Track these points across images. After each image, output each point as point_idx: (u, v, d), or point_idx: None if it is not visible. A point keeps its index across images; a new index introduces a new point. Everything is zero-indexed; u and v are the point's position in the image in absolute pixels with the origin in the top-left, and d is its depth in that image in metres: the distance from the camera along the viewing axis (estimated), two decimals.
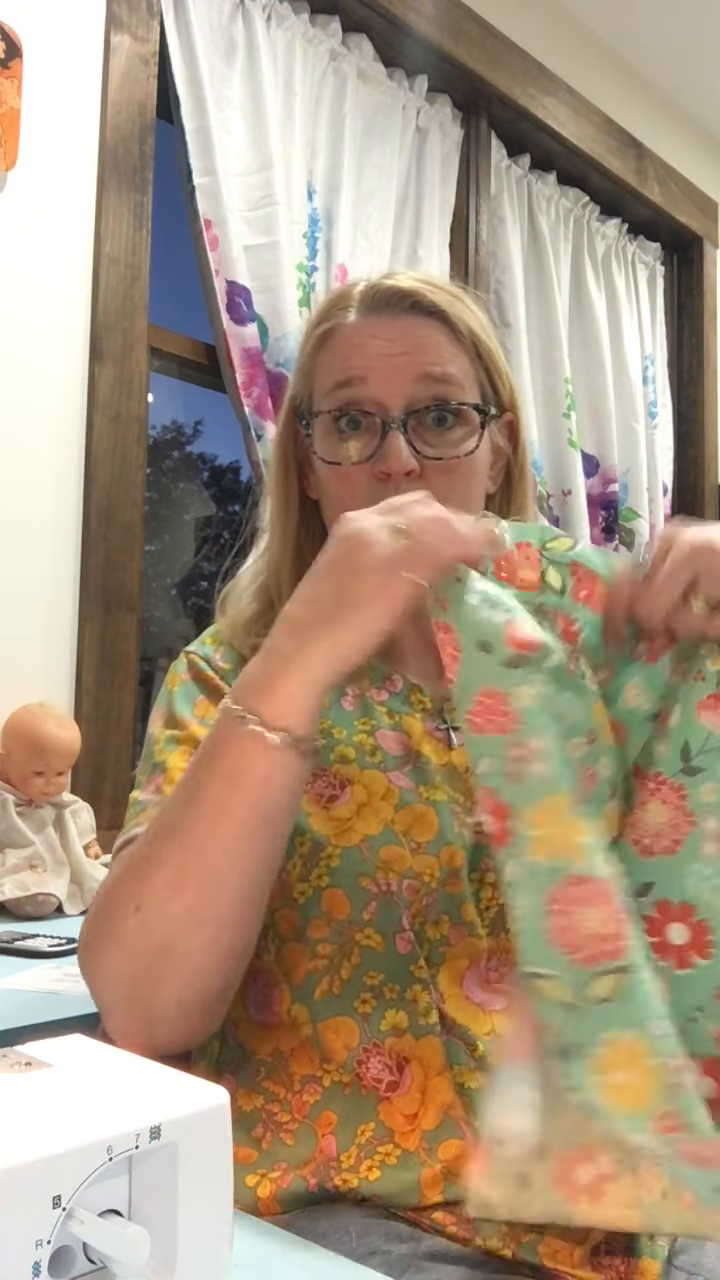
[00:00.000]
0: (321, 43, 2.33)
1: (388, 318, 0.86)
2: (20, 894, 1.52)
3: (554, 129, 2.84)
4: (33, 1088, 0.45)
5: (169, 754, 0.83)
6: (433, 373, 0.85)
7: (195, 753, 0.74)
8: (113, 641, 1.89)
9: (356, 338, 0.86)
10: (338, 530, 0.70)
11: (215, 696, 0.87)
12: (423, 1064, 0.74)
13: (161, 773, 0.82)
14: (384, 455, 0.83)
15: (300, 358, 0.93)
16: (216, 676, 0.88)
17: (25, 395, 1.80)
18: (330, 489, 0.88)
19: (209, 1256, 0.45)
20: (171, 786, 0.80)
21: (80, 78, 1.90)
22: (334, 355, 0.87)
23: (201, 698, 0.87)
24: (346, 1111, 0.74)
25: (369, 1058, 0.75)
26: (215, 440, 2.48)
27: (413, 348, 0.85)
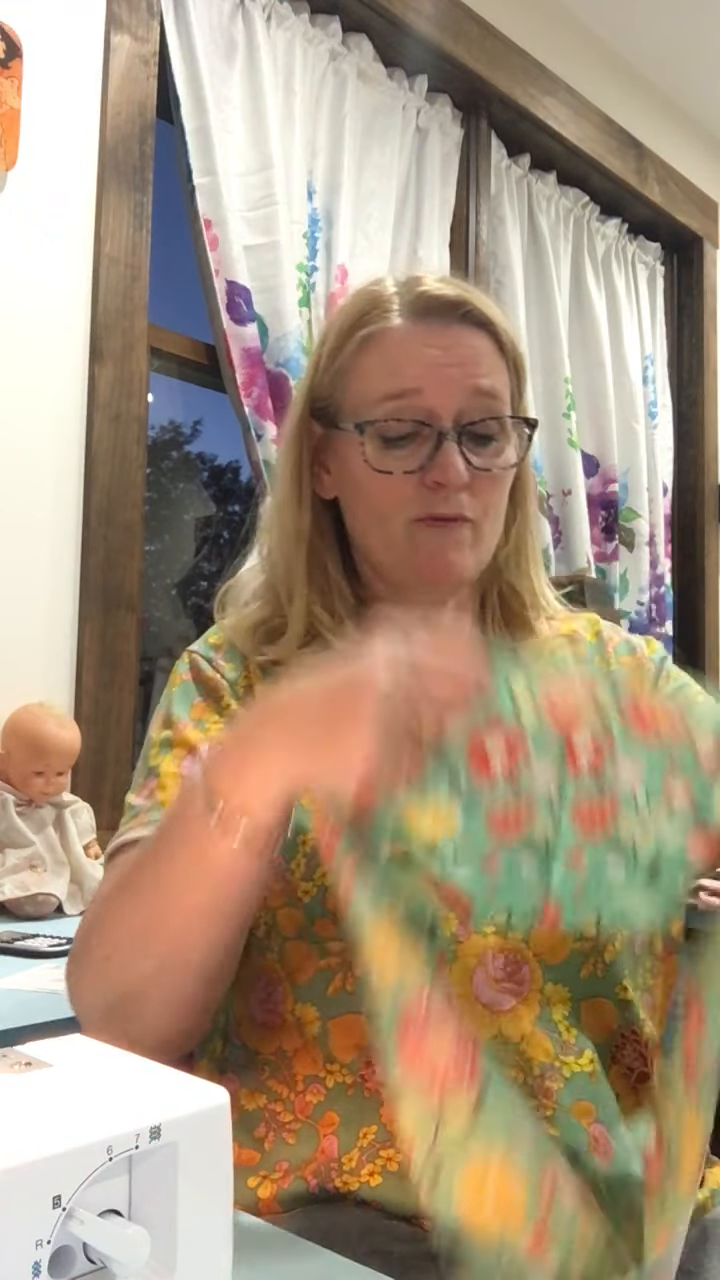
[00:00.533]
0: (321, 43, 2.33)
1: (439, 326, 0.86)
2: (20, 894, 1.52)
3: (554, 129, 2.84)
4: (33, 1088, 0.45)
5: (163, 759, 0.84)
6: (482, 386, 0.85)
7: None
8: (113, 641, 1.89)
9: (409, 345, 0.86)
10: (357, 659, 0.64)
11: (213, 698, 0.87)
12: None
13: (155, 777, 0.83)
14: (440, 467, 0.84)
15: (333, 358, 0.90)
16: (218, 676, 0.88)
17: (25, 395, 1.80)
18: (374, 497, 0.87)
19: (209, 1256, 0.45)
20: (164, 793, 0.81)
21: (80, 78, 1.90)
22: (383, 362, 0.86)
23: (199, 700, 0.87)
24: (349, 1113, 0.73)
25: (378, 1059, 0.75)
26: (214, 440, 2.48)
27: (465, 359, 0.85)
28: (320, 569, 0.92)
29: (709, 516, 3.44)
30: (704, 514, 3.43)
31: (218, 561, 2.43)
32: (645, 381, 3.19)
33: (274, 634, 0.90)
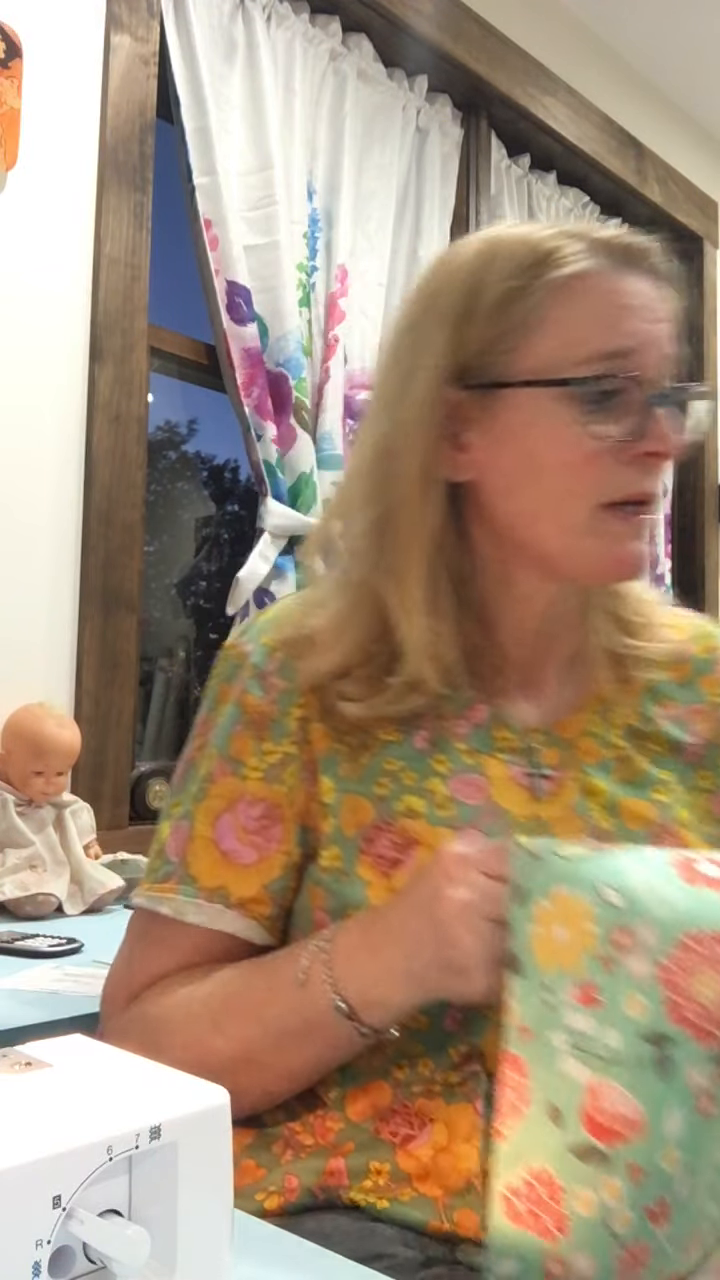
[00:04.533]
0: (321, 43, 2.33)
1: (649, 280, 0.75)
2: (20, 894, 1.52)
3: (554, 129, 2.84)
4: (33, 1088, 0.45)
5: (198, 808, 0.78)
6: (676, 349, 0.76)
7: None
8: (113, 641, 1.89)
9: (620, 296, 0.74)
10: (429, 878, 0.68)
11: (255, 732, 0.78)
12: (449, 1127, 0.70)
13: (188, 827, 0.78)
14: (655, 436, 0.73)
15: (503, 307, 0.74)
16: (266, 705, 0.78)
17: (25, 395, 1.80)
18: (560, 473, 0.74)
19: (209, 1256, 0.45)
20: (196, 862, 0.77)
21: (80, 78, 1.90)
22: (590, 312, 0.73)
23: (240, 729, 0.79)
24: (363, 1145, 0.71)
25: (393, 1116, 0.71)
26: (213, 440, 2.48)
27: (668, 317, 0.76)
28: (448, 584, 0.77)
29: (709, 516, 3.44)
30: (704, 514, 3.43)
31: (217, 561, 2.43)
32: None
33: (370, 667, 0.77)
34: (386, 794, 0.76)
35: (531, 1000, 0.56)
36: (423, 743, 0.77)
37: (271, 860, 0.77)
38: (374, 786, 0.76)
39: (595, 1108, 0.54)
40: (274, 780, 0.77)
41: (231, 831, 0.77)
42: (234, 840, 0.77)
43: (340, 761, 0.77)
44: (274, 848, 0.77)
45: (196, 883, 0.76)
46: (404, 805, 0.75)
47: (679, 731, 0.82)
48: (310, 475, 2.16)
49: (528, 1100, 0.55)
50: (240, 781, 0.77)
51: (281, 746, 0.78)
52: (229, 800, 0.77)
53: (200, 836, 0.77)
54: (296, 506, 2.15)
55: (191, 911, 0.76)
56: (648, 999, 0.54)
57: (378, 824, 0.75)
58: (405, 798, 0.75)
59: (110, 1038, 0.72)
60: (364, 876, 0.74)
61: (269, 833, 0.77)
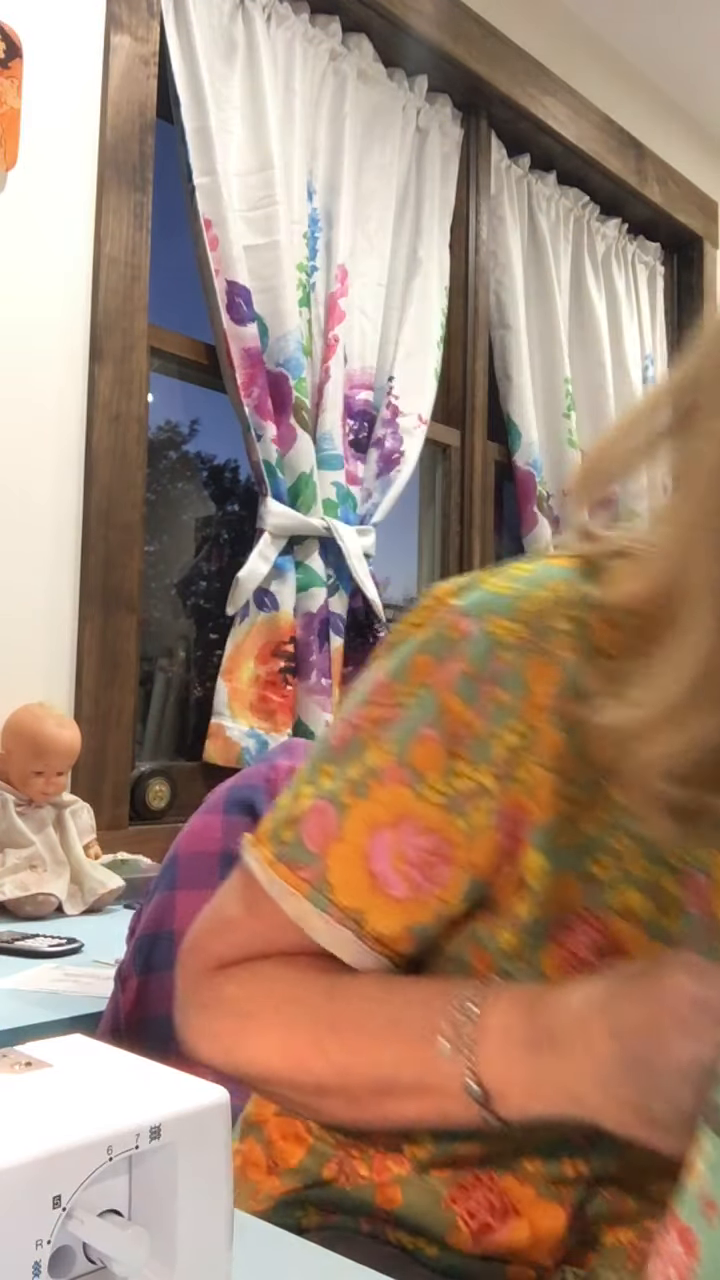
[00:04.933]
0: (321, 43, 2.33)
1: None
2: (20, 894, 1.52)
3: (554, 129, 2.84)
4: (33, 1088, 0.45)
5: (355, 802, 0.63)
6: None
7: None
8: (113, 641, 1.89)
9: None
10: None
11: (450, 746, 0.60)
12: (533, 1226, 0.63)
13: (337, 815, 0.63)
14: None
15: None
16: (472, 714, 0.60)
17: (25, 395, 1.80)
18: None
19: (209, 1256, 0.45)
20: (342, 847, 0.62)
21: (80, 78, 1.90)
22: None
23: (433, 733, 0.61)
24: (424, 1208, 0.65)
25: (474, 1189, 0.64)
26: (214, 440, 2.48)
27: None
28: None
29: None
30: None
31: (217, 561, 2.43)
32: (645, 381, 3.19)
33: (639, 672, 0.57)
34: (605, 879, 0.61)
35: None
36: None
37: (425, 903, 0.62)
38: (590, 864, 0.61)
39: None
40: (456, 812, 0.61)
41: (388, 855, 0.62)
42: (387, 865, 0.62)
43: (561, 828, 0.60)
44: (432, 890, 0.62)
45: (332, 892, 0.63)
46: (620, 901, 0.61)
47: None
48: (310, 475, 2.16)
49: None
50: (415, 799, 0.61)
51: (478, 774, 0.60)
52: (395, 815, 0.62)
53: (350, 841, 0.63)
54: (296, 506, 2.15)
55: (319, 925, 0.63)
56: None
57: (582, 913, 0.61)
58: (625, 891, 0.61)
59: (190, 1003, 0.67)
60: (548, 973, 0.61)
61: (432, 871, 0.61)
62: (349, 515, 2.26)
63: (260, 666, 2.12)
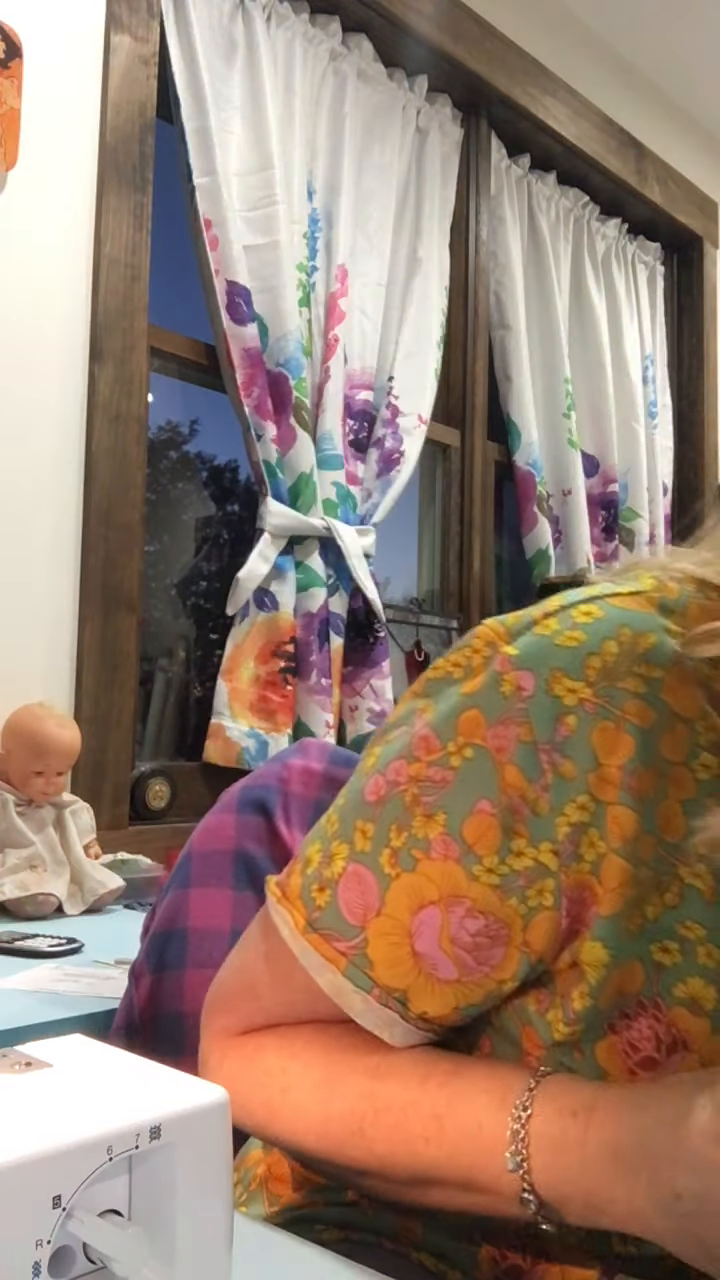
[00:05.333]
0: (321, 43, 2.33)
1: None
2: (20, 894, 1.52)
3: (554, 129, 2.84)
4: (33, 1088, 0.45)
5: (400, 874, 0.57)
6: None
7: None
8: (113, 641, 1.89)
9: None
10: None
11: (508, 823, 0.55)
12: (565, 1276, 0.59)
13: (378, 886, 0.58)
14: None
15: None
16: (535, 789, 0.54)
17: (25, 395, 1.80)
18: None
19: (209, 1256, 0.45)
20: (383, 923, 0.58)
21: (80, 78, 1.90)
22: None
23: (489, 810, 0.55)
24: (452, 1241, 0.63)
25: (506, 1231, 0.60)
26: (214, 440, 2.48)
27: None
28: None
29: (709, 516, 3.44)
30: (704, 514, 3.43)
31: (217, 561, 2.43)
32: (645, 381, 3.19)
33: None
34: (670, 967, 0.55)
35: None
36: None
37: (477, 985, 0.57)
38: (656, 950, 0.55)
39: None
40: (512, 893, 0.55)
41: (435, 935, 0.57)
42: (434, 946, 0.57)
43: (626, 915, 0.54)
44: (485, 972, 0.57)
45: (373, 969, 0.58)
46: (687, 991, 0.55)
47: None
48: (310, 475, 2.16)
49: None
50: (466, 879, 0.56)
51: (538, 853, 0.55)
52: (444, 893, 0.56)
53: (393, 917, 0.57)
54: (296, 506, 2.15)
55: (358, 1005, 0.59)
56: None
57: (644, 1003, 0.55)
58: (691, 980, 0.55)
59: (218, 1069, 0.64)
60: (603, 1065, 0.56)
61: (485, 954, 0.56)
62: (349, 515, 2.26)
63: (260, 666, 2.12)
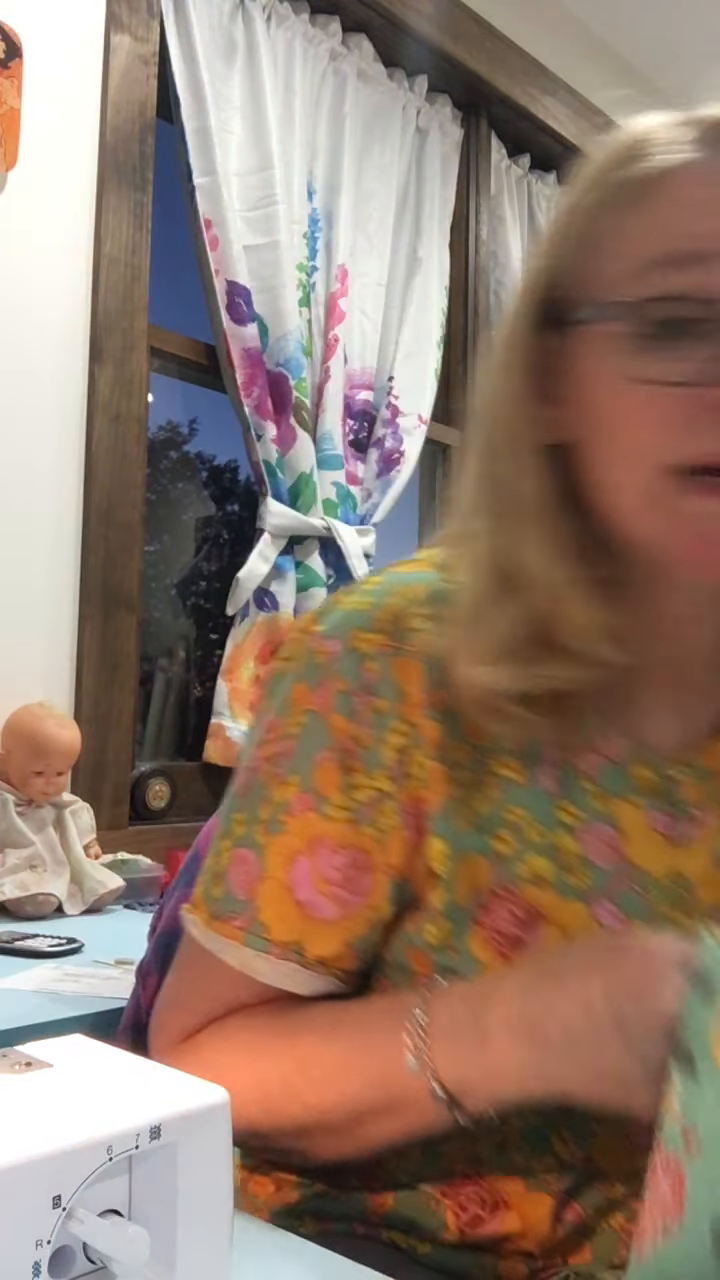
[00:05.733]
0: (321, 43, 2.33)
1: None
2: (20, 894, 1.52)
3: (554, 129, 2.84)
4: (33, 1088, 0.45)
5: (271, 840, 0.64)
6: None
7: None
8: (113, 641, 1.89)
9: (702, 189, 0.57)
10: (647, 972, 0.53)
11: (344, 762, 0.63)
12: (523, 1217, 0.63)
13: (256, 858, 0.64)
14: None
15: (573, 222, 0.61)
16: (356, 726, 0.63)
17: (25, 395, 1.80)
18: (622, 428, 0.58)
19: (209, 1256, 0.45)
20: (266, 886, 0.64)
21: (80, 78, 1.90)
22: (654, 216, 0.57)
23: (327, 755, 0.63)
24: (415, 1205, 0.65)
25: (463, 1187, 0.64)
26: (214, 440, 2.48)
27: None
28: (562, 542, 0.60)
29: None
30: None
31: (217, 561, 2.43)
32: None
33: (490, 642, 0.60)
34: (509, 853, 0.62)
35: (705, 1104, 0.47)
36: (550, 782, 0.63)
37: (357, 916, 0.64)
38: (493, 841, 0.63)
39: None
40: (363, 822, 0.63)
41: (309, 880, 0.63)
42: (312, 891, 0.63)
43: (455, 811, 0.63)
44: (360, 901, 0.64)
45: (268, 932, 0.64)
46: (528, 869, 0.62)
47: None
48: (310, 475, 2.16)
49: (681, 1218, 0.46)
50: (323, 821, 0.63)
51: (374, 781, 0.63)
52: (308, 841, 0.63)
53: (272, 878, 0.64)
54: (296, 506, 2.15)
55: (263, 967, 0.64)
56: None
57: (496, 890, 0.62)
58: (529, 859, 0.62)
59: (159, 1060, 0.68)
60: (478, 956, 0.62)
61: (355, 884, 0.63)
62: (349, 515, 2.26)
63: (260, 666, 2.12)
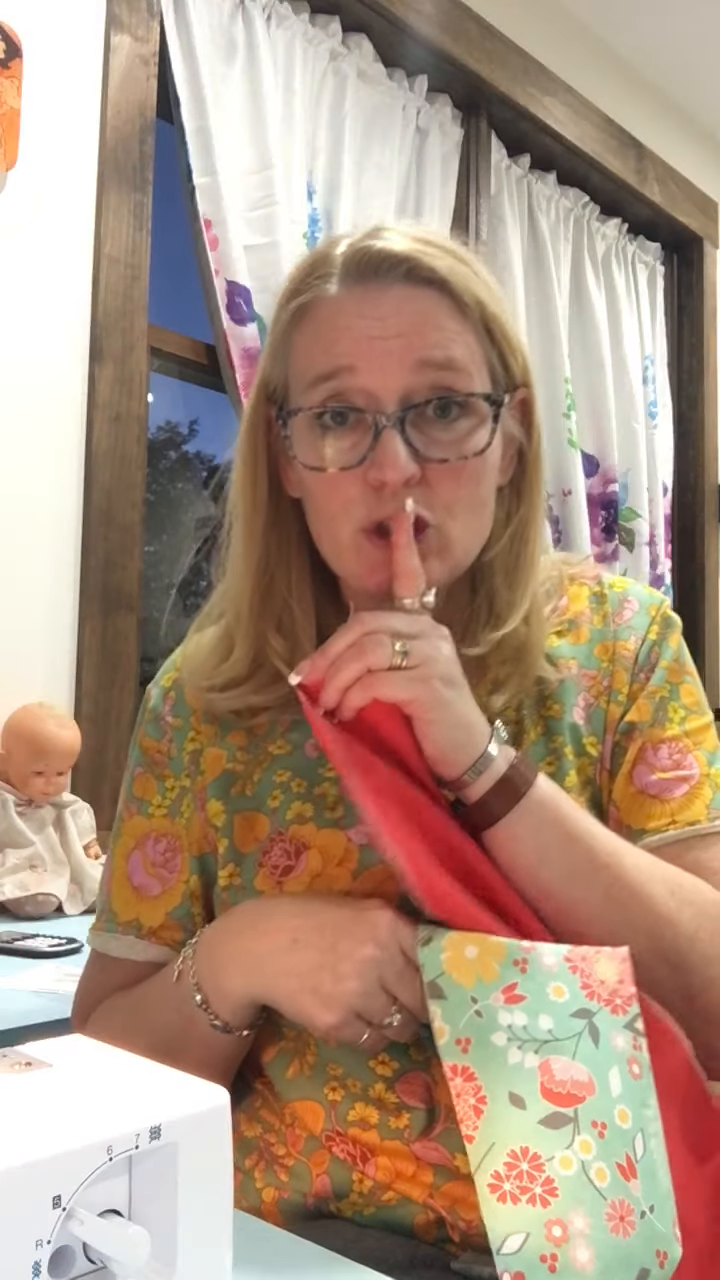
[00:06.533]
0: (321, 43, 2.33)
1: (377, 290, 0.72)
2: (20, 894, 1.52)
3: (554, 129, 2.84)
4: (33, 1088, 0.45)
5: (116, 845, 0.84)
6: (433, 358, 0.71)
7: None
8: (113, 641, 1.89)
9: (340, 317, 0.72)
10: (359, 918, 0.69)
11: (156, 771, 0.83)
12: (392, 1160, 0.69)
13: (110, 863, 0.84)
14: (378, 461, 0.70)
15: (273, 333, 0.78)
16: (162, 743, 0.84)
17: (25, 395, 1.80)
18: (315, 499, 0.75)
19: (209, 1256, 0.45)
20: (115, 881, 0.82)
21: (80, 78, 1.90)
22: (314, 338, 0.73)
23: (141, 770, 0.84)
24: (333, 1163, 0.71)
25: (335, 1142, 0.71)
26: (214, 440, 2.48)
27: (408, 328, 0.71)
28: (280, 584, 0.79)
29: (709, 516, 3.44)
30: (704, 514, 3.43)
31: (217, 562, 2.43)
32: (645, 381, 3.19)
33: (223, 681, 0.81)
34: (277, 805, 0.78)
35: (461, 1014, 0.63)
36: (314, 750, 0.78)
37: (173, 890, 0.81)
38: (268, 800, 0.78)
39: (550, 1081, 0.60)
40: (175, 815, 0.82)
41: (140, 866, 0.82)
42: (142, 874, 0.82)
43: (232, 782, 0.80)
44: (175, 878, 0.81)
45: (116, 917, 0.82)
46: (293, 813, 0.77)
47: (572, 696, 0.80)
48: None
49: (484, 1099, 0.60)
50: (146, 820, 0.83)
51: (180, 781, 0.82)
52: (138, 838, 0.83)
53: (118, 871, 0.83)
54: None
55: (112, 945, 0.81)
56: (565, 984, 0.64)
57: (272, 836, 0.77)
58: (294, 805, 0.77)
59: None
60: (260, 888, 0.76)
61: (171, 864, 0.81)
62: None
63: None
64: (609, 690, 0.80)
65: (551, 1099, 0.59)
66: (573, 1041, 0.61)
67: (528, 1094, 0.60)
